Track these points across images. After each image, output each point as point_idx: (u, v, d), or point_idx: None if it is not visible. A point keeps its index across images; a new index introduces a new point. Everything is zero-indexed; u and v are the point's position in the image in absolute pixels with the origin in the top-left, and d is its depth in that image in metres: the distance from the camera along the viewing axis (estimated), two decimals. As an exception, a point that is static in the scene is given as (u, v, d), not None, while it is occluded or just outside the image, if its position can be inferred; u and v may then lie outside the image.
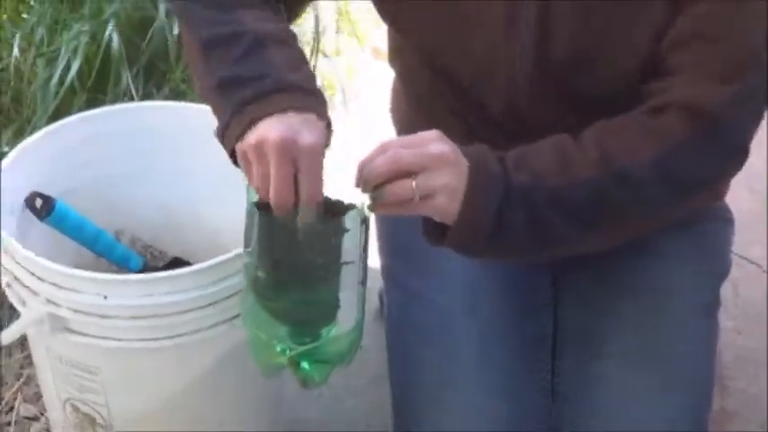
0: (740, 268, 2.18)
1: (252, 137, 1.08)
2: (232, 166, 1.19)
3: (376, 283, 1.50)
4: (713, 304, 1.47)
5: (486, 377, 1.36)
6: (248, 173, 1.10)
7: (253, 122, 1.09)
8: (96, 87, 1.99)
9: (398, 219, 1.22)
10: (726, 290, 1.57)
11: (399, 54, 1.55)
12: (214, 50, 1.20)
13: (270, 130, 1.06)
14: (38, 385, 1.87)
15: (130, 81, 1.96)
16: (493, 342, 1.39)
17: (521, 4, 1.24)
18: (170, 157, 1.71)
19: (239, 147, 1.09)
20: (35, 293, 1.38)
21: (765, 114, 1.25)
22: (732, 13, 1.19)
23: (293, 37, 1.24)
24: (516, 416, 1.33)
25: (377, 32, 2.79)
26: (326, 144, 1.10)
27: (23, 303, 1.41)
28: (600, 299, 1.44)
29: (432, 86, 1.44)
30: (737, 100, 1.19)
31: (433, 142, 1.11)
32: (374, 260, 1.34)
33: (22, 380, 1.95)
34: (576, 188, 1.16)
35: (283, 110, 1.09)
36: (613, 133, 1.19)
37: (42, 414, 1.87)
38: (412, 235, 1.29)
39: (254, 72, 1.14)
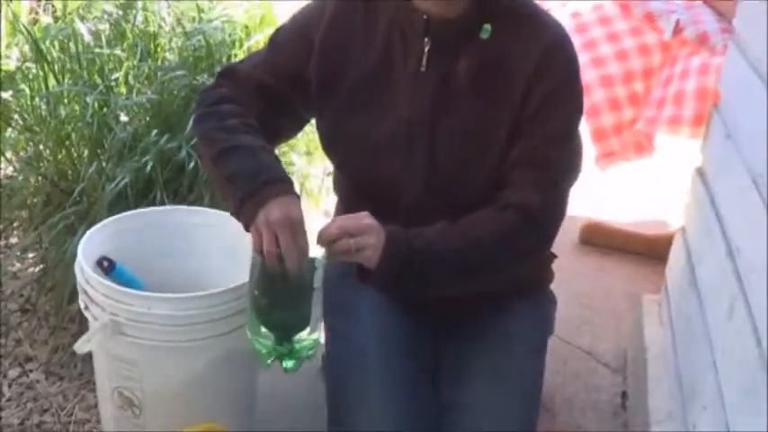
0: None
1: (261, 218, 1.75)
2: (226, 250, 2.08)
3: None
4: (542, 349, 2.14)
5: (392, 388, 1.90)
6: (256, 235, 1.77)
7: (261, 204, 1.76)
8: (142, 196, 2.80)
9: (333, 284, 1.95)
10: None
11: (338, 182, 2.21)
12: (224, 157, 1.85)
13: (273, 212, 1.74)
14: (90, 399, 2.62)
15: (163, 192, 2.78)
16: (396, 364, 1.95)
17: (416, 145, 1.92)
18: (189, 241, 2.39)
19: (255, 221, 1.75)
20: (103, 308, 2.04)
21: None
22: (547, 149, 1.89)
23: (272, 150, 1.92)
24: (411, 413, 1.88)
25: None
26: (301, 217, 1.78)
27: (95, 318, 2.07)
28: (467, 339, 2.05)
29: (357, 200, 2.00)
30: (550, 204, 1.92)
31: (365, 218, 1.81)
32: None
33: (78, 397, 2.67)
34: (449, 251, 1.84)
35: (275, 196, 1.76)
36: (474, 222, 1.87)
37: (91, 420, 2.58)
38: (340, 294, 2.06)
39: (251, 169, 1.82)
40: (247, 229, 1.80)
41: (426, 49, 1.90)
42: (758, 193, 1.86)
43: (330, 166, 2.29)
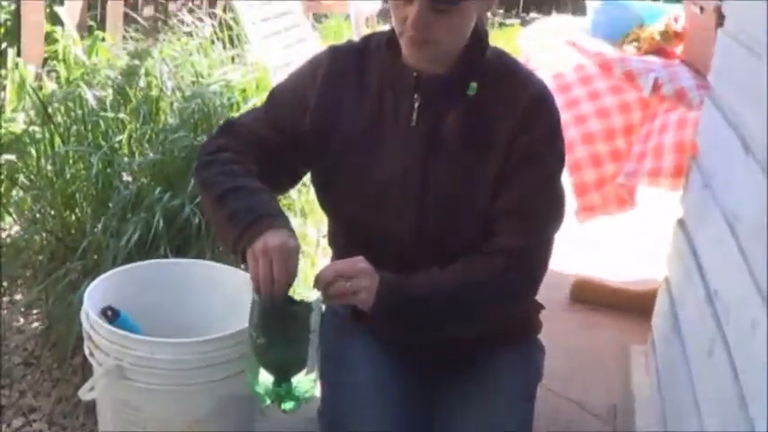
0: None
1: (259, 244, 1.84)
2: (226, 301, 2.17)
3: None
4: (532, 397, 2.20)
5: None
6: (253, 263, 1.85)
7: (258, 235, 1.85)
8: (145, 252, 2.88)
9: (329, 336, 1.99)
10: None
11: (332, 234, 2.28)
12: (226, 197, 1.95)
13: (269, 240, 1.84)
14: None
15: (167, 247, 2.88)
16: (391, 414, 1.99)
17: (407, 196, 2.01)
18: (191, 292, 2.45)
19: (252, 248, 1.84)
20: (107, 354, 2.11)
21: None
22: (530, 197, 1.99)
23: (270, 192, 2.01)
24: None
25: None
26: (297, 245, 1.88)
27: (99, 364, 2.14)
28: (458, 387, 2.10)
29: (350, 249, 2.03)
30: (533, 250, 2.02)
31: (360, 262, 1.90)
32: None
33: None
34: (440, 294, 1.94)
35: (274, 227, 1.86)
36: (463, 267, 1.96)
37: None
38: (335, 346, 2.11)
39: (250, 206, 1.91)
40: (245, 260, 1.88)
41: (416, 105, 2.01)
42: (733, 237, 1.95)
43: (325, 229, 2.37)
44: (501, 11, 10.55)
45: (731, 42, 2.30)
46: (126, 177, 3.14)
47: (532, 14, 9.89)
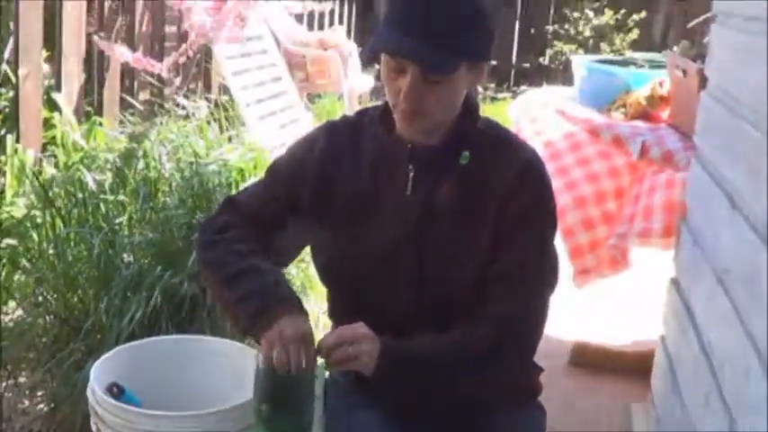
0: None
1: (274, 332, 1.88)
2: (228, 375, 2.19)
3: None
4: None
5: None
6: (268, 347, 1.88)
7: (274, 320, 1.90)
8: (148, 330, 2.92)
9: (332, 404, 2.07)
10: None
11: (332, 305, 2.32)
12: (236, 279, 2.00)
13: (286, 327, 1.89)
14: None
15: (169, 324, 2.91)
16: None
17: (404, 264, 2.06)
18: (194, 367, 2.43)
19: (268, 334, 1.88)
20: (113, 429, 2.11)
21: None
22: (523, 262, 2.04)
23: (279, 271, 2.09)
24: None
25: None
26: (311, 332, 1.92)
27: None
28: None
29: (349, 318, 2.03)
30: (528, 314, 2.06)
31: (360, 328, 1.94)
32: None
33: None
34: (439, 358, 1.98)
35: (288, 313, 1.92)
36: (460, 333, 2.00)
37: None
38: (338, 412, 2.16)
39: (262, 289, 1.97)
40: (259, 341, 1.93)
41: (411, 176, 2.06)
42: (724, 291, 1.99)
43: (325, 304, 2.41)
44: (492, 85, 10.66)
45: (713, 103, 2.36)
46: (127, 257, 3.18)
47: (523, 87, 9.99)
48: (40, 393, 3.27)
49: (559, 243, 2.17)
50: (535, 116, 3.86)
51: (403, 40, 1.93)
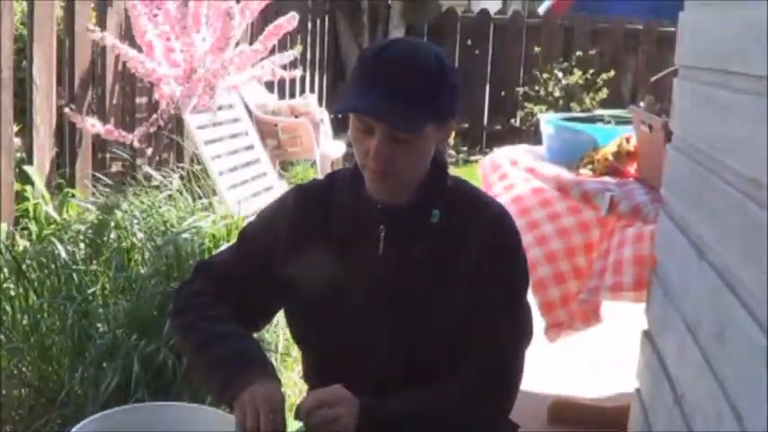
0: None
1: (246, 395, 1.90)
2: None
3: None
4: None
5: None
6: (240, 413, 1.90)
7: (246, 386, 1.92)
8: (124, 399, 2.90)
9: None
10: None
11: (307, 368, 2.33)
12: (208, 344, 2.03)
13: (257, 392, 1.90)
14: None
15: (145, 392, 2.89)
16: None
17: (378, 326, 2.08)
18: None
19: (239, 400, 1.90)
20: None
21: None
22: (498, 317, 2.07)
23: (251, 336, 2.12)
24: None
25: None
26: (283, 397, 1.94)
27: None
28: None
29: (324, 381, 2.07)
30: (504, 369, 2.08)
31: (339, 389, 1.96)
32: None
33: None
34: (417, 416, 1.99)
35: (259, 377, 1.94)
36: (437, 391, 2.03)
37: None
38: None
39: (235, 354, 2.01)
40: (232, 408, 1.94)
41: (382, 236, 2.08)
42: (694, 341, 2.01)
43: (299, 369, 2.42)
44: (465, 148, 10.72)
45: (678, 155, 2.39)
46: (101, 327, 3.18)
47: (495, 150, 10.05)
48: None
49: (531, 297, 2.18)
50: (505, 172, 3.89)
51: (369, 100, 1.96)
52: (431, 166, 2.10)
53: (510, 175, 3.84)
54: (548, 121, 4.24)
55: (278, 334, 3.68)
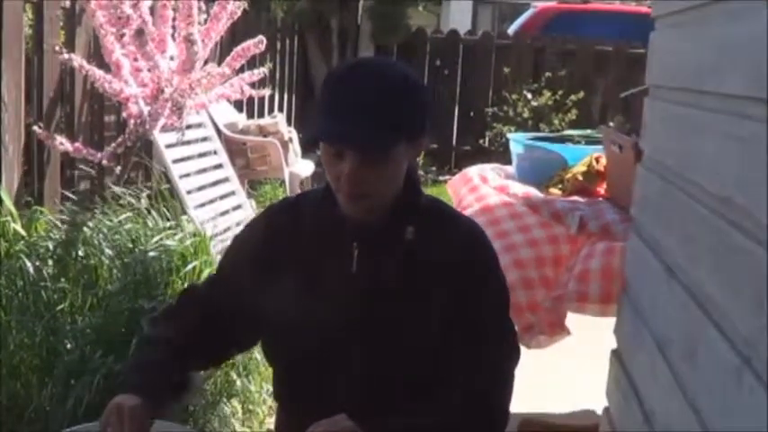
0: None
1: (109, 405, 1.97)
2: None
3: None
4: None
5: None
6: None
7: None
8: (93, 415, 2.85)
9: None
10: None
11: (279, 385, 2.32)
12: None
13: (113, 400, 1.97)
14: None
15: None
16: None
17: (352, 345, 2.05)
18: None
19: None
20: None
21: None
22: (485, 330, 2.07)
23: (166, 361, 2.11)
24: None
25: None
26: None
27: None
28: None
29: (297, 398, 2.18)
30: (496, 383, 2.07)
31: (343, 420, 1.89)
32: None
33: None
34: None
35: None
36: (431, 409, 2.01)
37: None
38: None
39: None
40: None
41: (356, 254, 2.08)
42: (663, 357, 2.02)
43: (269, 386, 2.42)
44: (434, 168, 10.75)
45: (648, 174, 2.42)
46: (69, 344, 3.16)
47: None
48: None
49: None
50: (475, 185, 3.90)
51: (337, 126, 1.96)
52: (404, 184, 2.10)
53: (480, 189, 3.85)
54: (516, 140, 4.26)
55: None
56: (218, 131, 7.00)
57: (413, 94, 2.01)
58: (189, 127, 5.58)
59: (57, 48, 4.92)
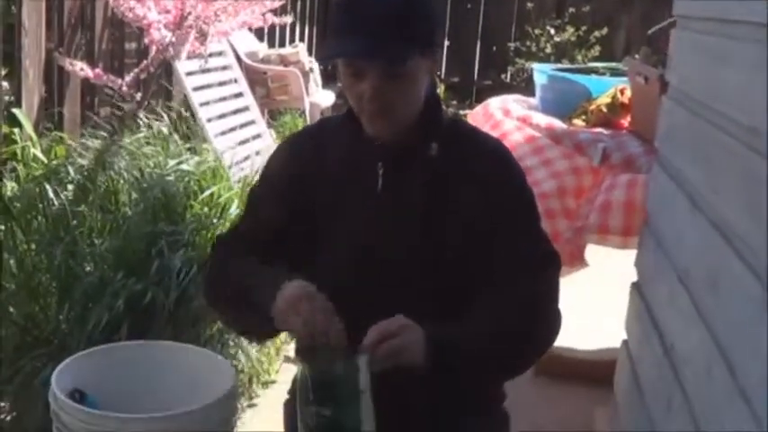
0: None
1: (279, 301, 1.90)
2: (189, 380, 2.20)
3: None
4: None
5: None
6: (282, 323, 1.92)
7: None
8: (109, 337, 2.92)
9: None
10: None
11: None
12: (239, 303, 2.04)
13: (285, 291, 1.90)
14: None
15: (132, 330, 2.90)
16: None
17: (384, 258, 2.06)
18: (151, 372, 2.41)
19: (275, 309, 1.91)
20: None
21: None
22: (527, 241, 2.09)
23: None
24: None
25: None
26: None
27: None
28: None
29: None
30: (544, 288, 2.11)
31: (402, 319, 1.90)
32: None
33: None
34: (482, 337, 1.96)
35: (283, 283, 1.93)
36: (492, 302, 2.00)
37: None
38: None
39: (263, 287, 1.96)
40: (280, 326, 1.96)
41: (381, 173, 2.07)
42: (686, 291, 2.01)
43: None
44: (454, 102, 10.69)
45: (674, 106, 2.38)
46: (89, 267, 3.16)
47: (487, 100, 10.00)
48: (1, 404, 3.23)
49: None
50: (497, 121, 3.86)
51: (354, 43, 1.96)
52: (426, 101, 2.09)
53: (502, 124, 3.81)
54: (541, 71, 4.22)
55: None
56: (239, 60, 6.96)
57: (421, 6, 2.01)
58: (210, 55, 5.54)
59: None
